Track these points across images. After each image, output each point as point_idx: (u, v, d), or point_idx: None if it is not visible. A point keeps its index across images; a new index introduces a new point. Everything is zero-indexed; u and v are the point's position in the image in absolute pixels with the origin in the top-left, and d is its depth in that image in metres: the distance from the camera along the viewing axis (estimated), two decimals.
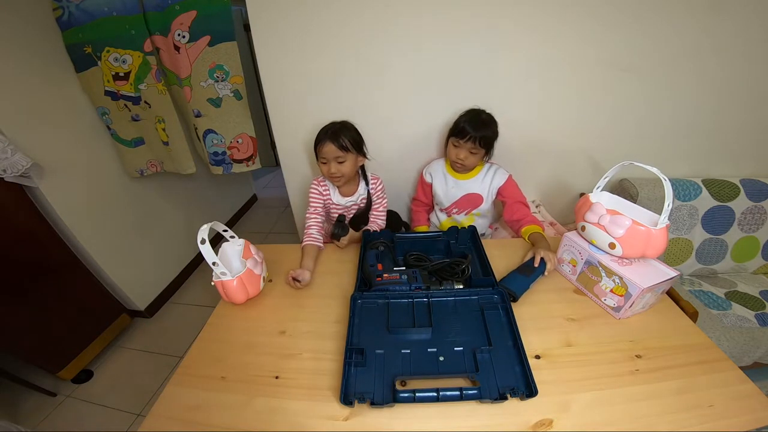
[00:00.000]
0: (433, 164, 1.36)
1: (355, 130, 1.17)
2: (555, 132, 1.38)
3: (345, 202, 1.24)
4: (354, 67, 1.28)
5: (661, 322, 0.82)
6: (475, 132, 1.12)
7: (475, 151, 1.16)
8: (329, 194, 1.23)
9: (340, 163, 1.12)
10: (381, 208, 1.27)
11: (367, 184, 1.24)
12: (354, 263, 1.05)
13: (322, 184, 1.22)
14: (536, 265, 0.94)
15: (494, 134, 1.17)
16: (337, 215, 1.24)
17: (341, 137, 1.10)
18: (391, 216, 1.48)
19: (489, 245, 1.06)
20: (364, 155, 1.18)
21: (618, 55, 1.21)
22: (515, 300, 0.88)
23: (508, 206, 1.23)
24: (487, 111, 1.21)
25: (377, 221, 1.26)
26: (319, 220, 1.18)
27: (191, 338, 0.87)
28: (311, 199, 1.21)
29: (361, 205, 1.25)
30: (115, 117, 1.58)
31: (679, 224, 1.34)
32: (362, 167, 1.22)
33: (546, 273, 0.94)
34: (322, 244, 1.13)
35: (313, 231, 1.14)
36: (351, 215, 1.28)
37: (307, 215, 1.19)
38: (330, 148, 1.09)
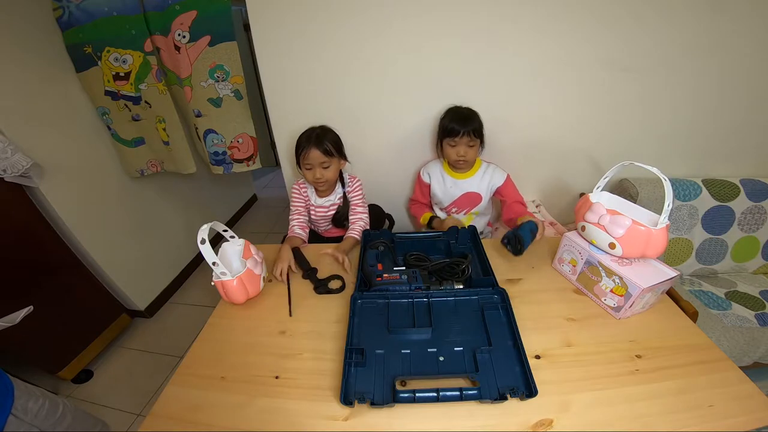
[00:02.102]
0: (430, 165, 1.36)
1: (335, 133, 1.18)
2: (555, 132, 1.38)
3: (323, 202, 1.26)
4: (354, 67, 1.28)
5: (661, 322, 0.82)
6: (465, 127, 1.16)
7: (472, 144, 1.19)
8: (308, 196, 1.26)
9: (325, 168, 1.13)
10: (360, 207, 1.24)
11: (343, 185, 1.25)
12: (354, 263, 1.05)
13: (302, 186, 1.25)
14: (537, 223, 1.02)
15: (481, 124, 1.21)
16: (316, 218, 1.28)
17: (325, 142, 1.11)
18: (374, 209, 1.49)
19: (489, 245, 1.06)
20: (345, 158, 1.20)
21: (618, 54, 1.21)
22: (521, 252, 0.96)
23: (506, 206, 1.24)
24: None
25: (359, 222, 1.20)
26: (302, 219, 1.21)
27: (191, 338, 0.87)
28: (293, 201, 1.24)
29: (340, 203, 1.27)
30: (116, 117, 1.58)
31: (679, 224, 1.34)
32: (340, 170, 1.23)
33: (539, 237, 1.01)
34: (305, 239, 1.16)
35: (296, 227, 1.18)
36: (332, 215, 1.29)
37: (290, 216, 1.23)
38: (315, 154, 1.10)
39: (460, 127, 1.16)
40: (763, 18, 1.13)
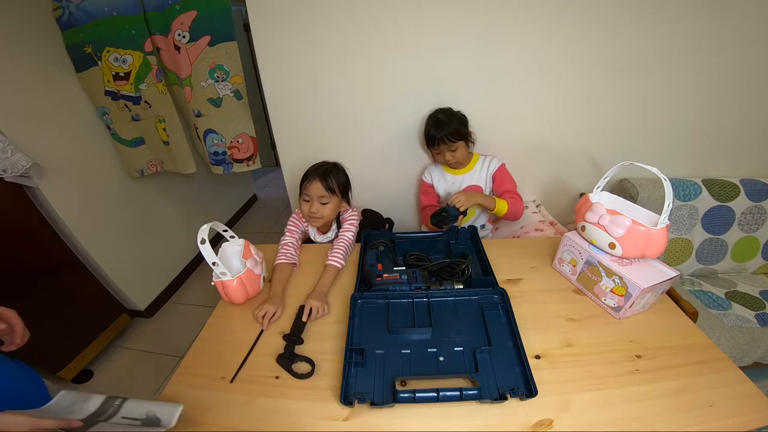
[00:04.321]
0: (430, 167, 1.39)
1: (345, 174, 1.14)
2: (555, 132, 1.38)
3: (322, 240, 1.22)
4: (353, 67, 1.28)
5: (661, 322, 0.82)
6: (440, 133, 1.18)
7: (453, 148, 1.20)
8: (308, 230, 1.20)
9: (323, 204, 1.08)
10: (349, 232, 1.12)
11: (339, 226, 1.17)
12: (354, 263, 1.05)
13: (301, 218, 1.17)
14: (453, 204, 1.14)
15: (461, 123, 1.21)
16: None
17: (330, 178, 1.07)
18: (373, 215, 1.48)
19: (489, 245, 1.06)
20: (347, 201, 1.15)
21: (618, 54, 1.21)
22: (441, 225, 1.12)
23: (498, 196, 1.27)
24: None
25: (342, 242, 1.08)
26: (295, 242, 1.12)
27: (191, 338, 0.87)
28: (289, 229, 1.14)
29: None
30: (116, 117, 1.58)
31: (679, 224, 1.34)
32: (339, 212, 1.17)
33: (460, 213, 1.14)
34: (296, 262, 1.07)
35: (289, 249, 1.08)
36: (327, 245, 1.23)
37: (283, 237, 1.12)
38: (317, 187, 1.06)
39: (435, 134, 1.19)
40: (763, 18, 1.13)
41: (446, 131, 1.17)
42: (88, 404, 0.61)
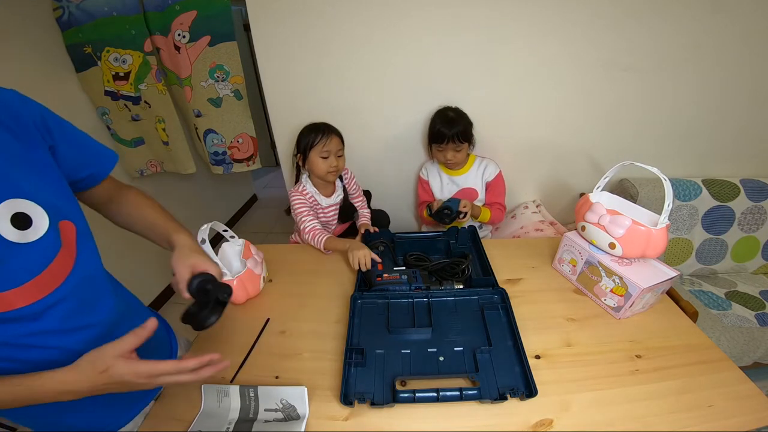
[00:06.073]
0: (427, 164, 1.39)
1: None
2: (555, 132, 1.38)
3: (332, 201, 1.22)
4: (354, 66, 1.29)
5: (661, 322, 0.82)
6: (451, 131, 1.18)
7: (459, 149, 1.21)
8: (314, 199, 1.19)
9: (339, 157, 1.13)
10: (361, 198, 1.31)
11: (341, 179, 1.24)
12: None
13: (304, 192, 1.17)
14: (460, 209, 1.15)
15: (468, 124, 1.22)
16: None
17: (339, 132, 1.13)
18: (379, 214, 1.48)
19: (489, 245, 1.06)
20: None
21: (618, 54, 1.21)
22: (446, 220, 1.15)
23: (485, 206, 1.28)
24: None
25: (364, 210, 1.30)
26: (315, 220, 1.12)
27: (191, 338, 0.87)
28: (298, 205, 1.14)
29: (342, 196, 1.26)
30: (115, 117, 1.58)
31: (679, 224, 1.34)
32: None
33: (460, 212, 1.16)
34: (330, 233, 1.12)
35: (318, 229, 1.09)
36: (337, 210, 1.25)
37: (302, 219, 1.11)
38: (336, 141, 1.11)
39: (446, 132, 1.18)
40: (764, 18, 1.13)
41: (457, 130, 1.17)
42: (229, 397, 0.67)
